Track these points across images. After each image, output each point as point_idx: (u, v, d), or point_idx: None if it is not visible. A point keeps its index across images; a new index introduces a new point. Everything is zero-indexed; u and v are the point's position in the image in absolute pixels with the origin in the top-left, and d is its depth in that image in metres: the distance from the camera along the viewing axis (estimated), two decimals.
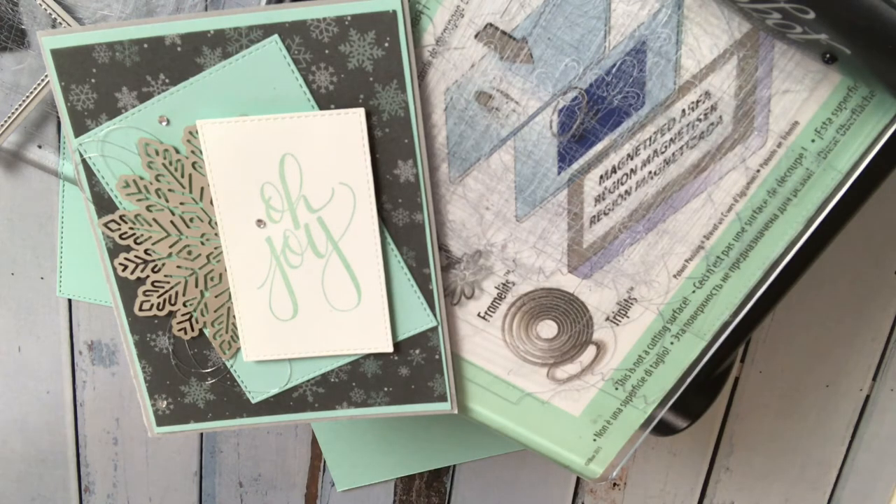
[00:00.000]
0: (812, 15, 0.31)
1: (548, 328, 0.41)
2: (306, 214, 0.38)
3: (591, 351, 0.41)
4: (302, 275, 0.39)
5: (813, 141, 0.37)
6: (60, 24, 0.46)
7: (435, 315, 0.40)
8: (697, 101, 0.36)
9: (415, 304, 0.40)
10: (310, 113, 0.36)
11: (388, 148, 0.37)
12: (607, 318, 0.41)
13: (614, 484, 0.65)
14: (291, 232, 0.38)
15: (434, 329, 0.40)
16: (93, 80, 0.36)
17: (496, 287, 0.40)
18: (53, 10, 0.45)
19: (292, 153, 0.37)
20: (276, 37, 0.35)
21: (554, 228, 0.39)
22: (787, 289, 0.39)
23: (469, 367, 0.42)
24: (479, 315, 0.41)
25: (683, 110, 0.37)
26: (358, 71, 0.35)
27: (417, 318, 0.40)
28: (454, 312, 0.41)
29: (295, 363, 0.41)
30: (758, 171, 0.37)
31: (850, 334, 0.58)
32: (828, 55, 0.34)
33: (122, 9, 0.46)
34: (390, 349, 0.40)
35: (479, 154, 0.38)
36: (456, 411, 0.42)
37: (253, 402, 0.42)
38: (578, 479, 0.64)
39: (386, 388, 0.41)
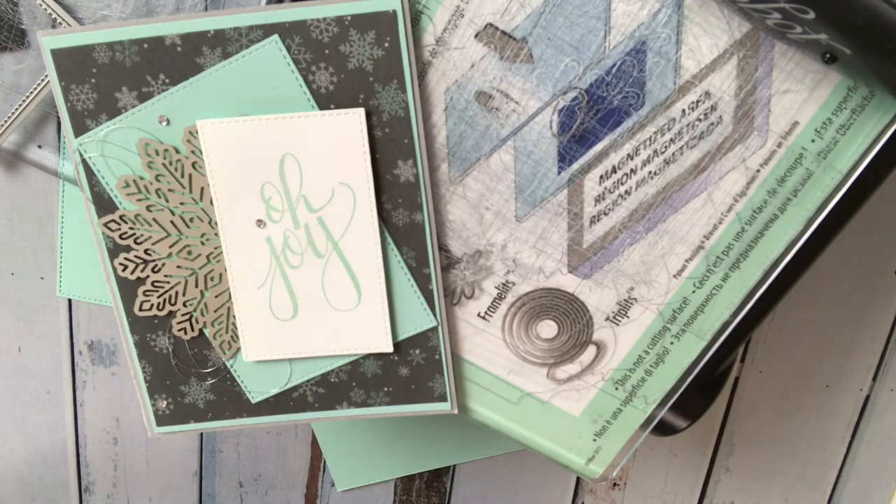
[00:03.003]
0: (812, 15, 0.31)
1: (548, 328, 0.41)
2: (306, 214, 0.38)
3: (591, 351, 0.41)
4: (302, 275, 0.39)
5: (813, 141, 0.37)
6: (60, 24, 0.46)
7: (435, 315, 0.40)
8: (697, 101, 0.36)
9: (415, 304, 0.40)
10: (310, 113, 0.36)
11: (388, 148, 0.37)
12: (607, 318, 0.41)
13: (614, 484, 0.65)
14: (291, 232, 0.38)
15: (434, 329, 0.40)
16: (93, 80, 0.36)
17: (496, 287, 0.40)
18: (53, 10, 0.45)
19: (292, 153, 0.37)
20: (276, 37, 0.35)
21: (554, 228, 0.39)
22: (787, 289, 0.39)
23: (469, 367, 0.42)
24: (479, 315, 0.41)
25: (683, 110, 0.37)
26: (358, 71, 0.35)
27: (417, 318, 0.40)
28: (454, 312, 0.41)
29: (295, 363, 0.41)
30: (758, 171, 0.37)
31: (850, 334, 0.58)
32: (828, 55, 0.34)
33: (122, 9, 0.46)
34: (390, 349, 0.40)
35: (479, 154, 0.38)
36: (456, 411, 0.42)
37: (253, 402, 0.42)
38: (578, 479, 0.64)
39: (386, 388, 0.41)
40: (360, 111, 0.36)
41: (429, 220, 0.38)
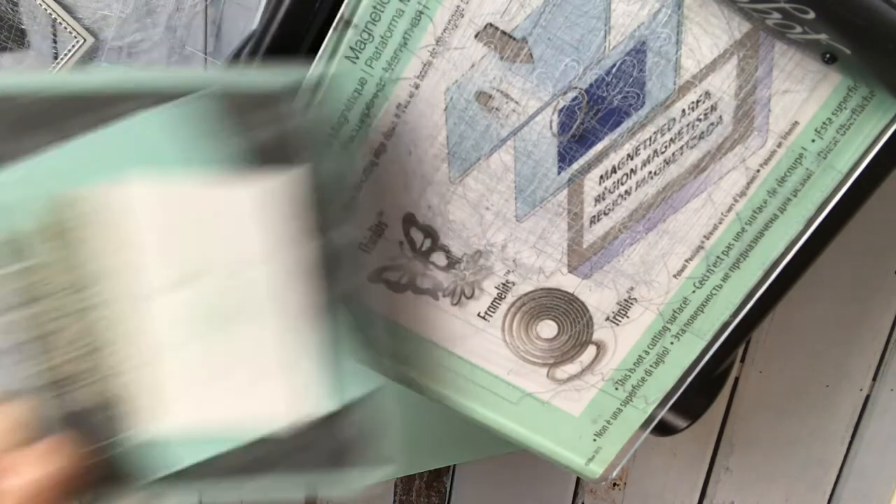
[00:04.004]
0: (812, 15, 0.31)
1: (548, 328, 0.41)
2: (226, 281, 0.34)
3: (591, 351, 0.41)
4: (225, 342, 0.35)
5: (813, 141, 0.37)
6: (61, 24, 0.46)
7: (373, 379, 0.36)
8: (697, 101, 0.36)
9: (352, 368, 0.35)
10: (232, 178, 0.33)
11: (321, 212, 0.34)
12: (607, 318, 0.41)
13: (614, 484, 0.65)
14: (210, 298, 0.34)
15: (374, 392, 0.36)
16: None
17: (496, 287, 0.40)
18: (53, 11, 0.45)
19: (206, 219, 0.33)
20: (200, 98, 0.32)
21: (554, 228, 0.39)
22: (787, 289, 0.39)
23: (469, 368, 0.42)
24: (479, 315, 0.41)
25: (683, 110, 0.37)
26: (283, 137, 0.33)
27: (356, 384, 0.36)
28: (454, 312, 0.41)
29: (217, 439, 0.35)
30: (758, 171, 0.37)
31: (850, 334, 0.58)
32: (828, 55, 0.34)
33: (122, 9, 0.46)
34: (326, 413, 0.35)
35: (479, 154, 0.38)
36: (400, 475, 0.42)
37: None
38: (578, 479, 0.64)
39: (317, 453, 0.36)
40: (289, 177, 0.33)
41: (362, 284, 0.36)
